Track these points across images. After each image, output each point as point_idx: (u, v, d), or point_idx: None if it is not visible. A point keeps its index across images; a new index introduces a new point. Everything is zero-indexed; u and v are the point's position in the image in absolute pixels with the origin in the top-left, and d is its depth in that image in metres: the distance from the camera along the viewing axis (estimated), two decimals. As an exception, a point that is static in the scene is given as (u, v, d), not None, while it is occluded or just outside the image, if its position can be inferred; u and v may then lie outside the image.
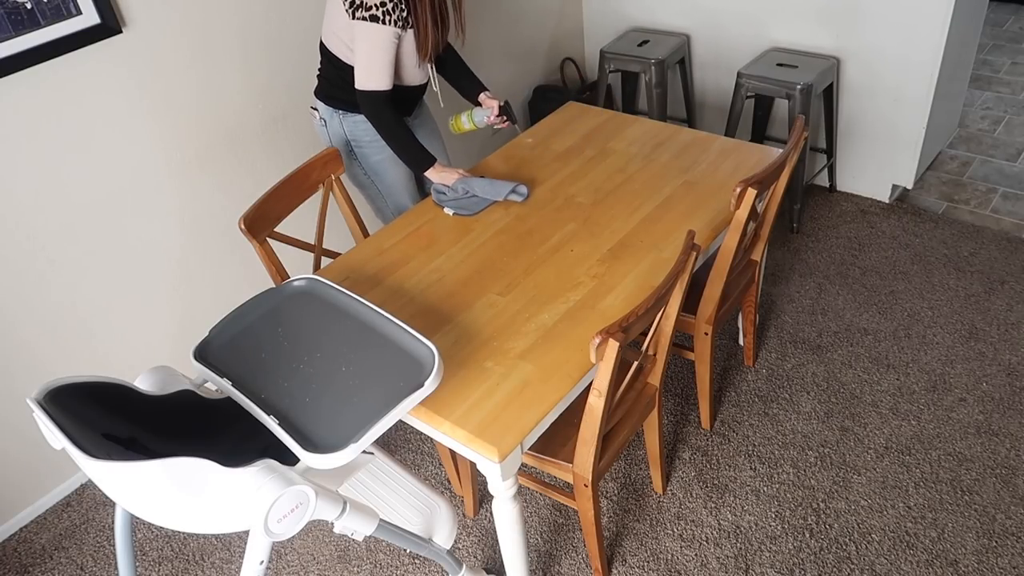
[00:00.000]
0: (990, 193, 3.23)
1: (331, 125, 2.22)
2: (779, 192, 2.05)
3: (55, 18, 1.95)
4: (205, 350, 1.61)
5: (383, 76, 2.00)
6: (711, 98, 3.52)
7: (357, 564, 2.12)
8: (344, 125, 2.21)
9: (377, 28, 1.94)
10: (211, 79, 2.34)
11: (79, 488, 2.46)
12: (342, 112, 2.19)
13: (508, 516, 1.68)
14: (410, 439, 2.46)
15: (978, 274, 2.81)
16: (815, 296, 2.80)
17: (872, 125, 3.09)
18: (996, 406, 2.32)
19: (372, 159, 2.26)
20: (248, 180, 2.55)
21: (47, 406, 1.30)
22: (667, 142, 2.35)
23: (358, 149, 2.25)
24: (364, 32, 1.95)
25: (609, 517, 2.16)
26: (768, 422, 2.36)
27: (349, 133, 2.22)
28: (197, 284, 2.53)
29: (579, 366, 1.62)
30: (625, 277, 1.84)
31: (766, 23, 3.15)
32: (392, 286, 1.90)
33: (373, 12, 1.92)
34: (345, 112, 2.19)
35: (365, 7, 1.93)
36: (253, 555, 1.30)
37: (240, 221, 1.93)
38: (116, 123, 2.17)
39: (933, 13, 2.73)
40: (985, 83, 4.03)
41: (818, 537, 2.04)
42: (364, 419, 1.40)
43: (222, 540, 2.24)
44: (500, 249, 1.98)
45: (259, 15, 2.39)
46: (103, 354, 2.36)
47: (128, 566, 1.67)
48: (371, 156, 2.25)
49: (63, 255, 2.18)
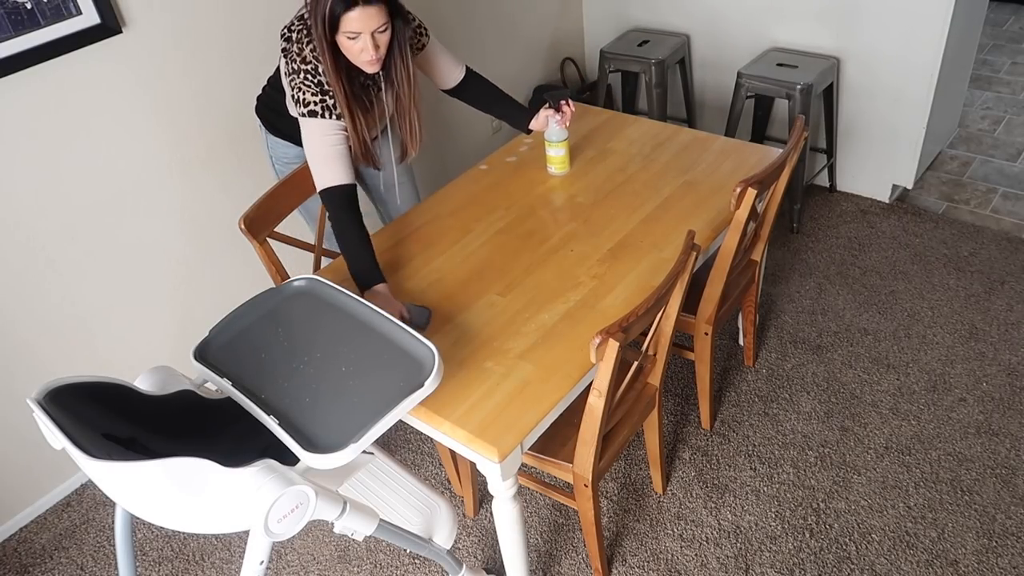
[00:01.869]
0: (990, 193, 3.23)
1: (262, 138, 2.21)
2: (779, 192, 2.05)
3: (55, 18, 1.95)
4: (205, 350, 1.61)
5: (339, 170, 1.83)
6: (711, 98, 3.52)
7: (357, 564, 2.12)
8: (268, 142, 2.19)
9: (318, 123, 1.81)
10: (211, 79, 2.34)
11: (79, 488, 2.46)
12: (266, 131, 2.17)
13: (508, 516, 1.68)
14: (410, 439, 2.46)
15: (978, 274, 2.81)
16: (815, 296, 2.80)
17: (872, 125, 3.09)
18: (996, 406, 2.32)
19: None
20: (248, 180, 2.55)
21: (47, 406, 1.30)
22: (667, 142, 2.35)
23: (279, 167, 2.21)
24: (307, 129, 1.83)
25: (609, 517, 2.16)
26: (768, 422, 2.36)
27: (271, 151, 2.20)
28: (197, 284, 2.53)
29: (579, 366, 1.62)
30: (625, 277, 1.84)
31: (766, 23, 3.15)
32: (392, 286, 1.90)
33: (312, 107, 1.81)
34: (268, 132, 2.17)
35: (303, 103, 1.81)
36: (253, 555, 1.30)
37: (240, 221, 1.93)
38: (116, 123, 2.17)
39: (933, 13, 2.73)
40: (985, 83, 4.03)
41: (818, 537, 2.04)
42: (364, 419, 1.40)
43: (222, 540, 2.24)
44: (500, 249, 1.98)
45: (259, 15, 2.39)
46: (103, 354, 2.36)
47: (128, 566, 1.67)
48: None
49: (63, 255, 2.18)
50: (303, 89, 1.81)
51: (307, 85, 1.81)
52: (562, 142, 2.18)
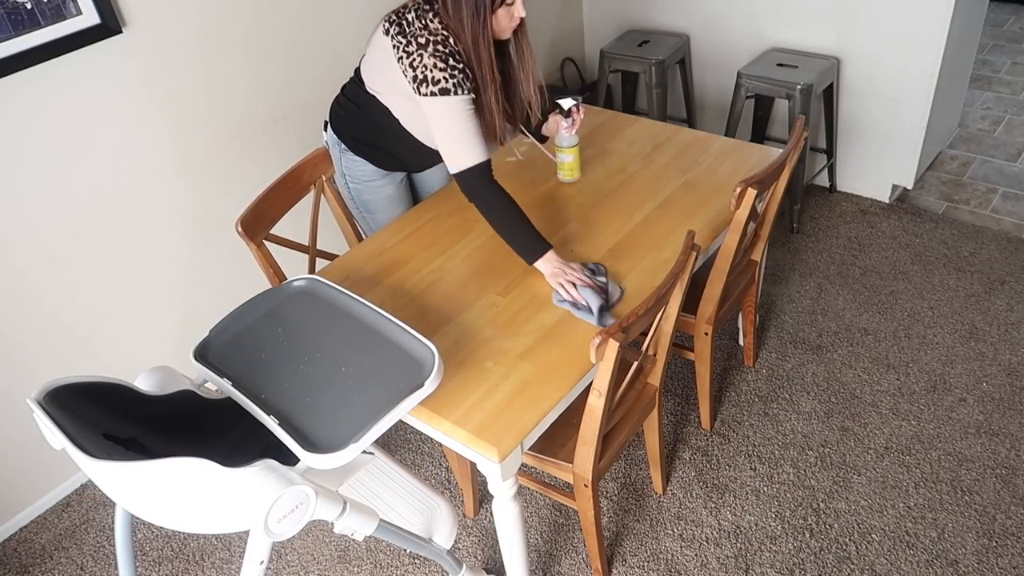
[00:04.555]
0: (990, 193, 3.23)
1: (333, 153, 2.11)
2: (779, 192, 2.05)
3: (55, 18, 1.95)
4: (205, 350, 1.61)
5: (475, 148, 1.79)
6: (711, 98, 3.52)
7: (357, 564, 2.12)
8: (342, 161, 2.09)
9: (450, 101, 1.75)
10: (211, 79, 2.34)
11: (79, 488, 2.46)
12: (343, 147, 2.07)
13: (508, 516, 1.68)
14: (410, 439, 2.46)
15: (978, 274, 2.81)
16: (815, 296, 2.80)
17: (872, 125, 3.09)
18: (996, 406, 2.32)
19: (365, 197, 2.14)
20: (249, 180, 2.55)
21: (47, 406, 1.30)
22: (667, 142, 2.35)
23: (353, 185, 2.12)
24: (437, 108, 1.76)
25: (609, 517, 2.16)
26: (768, 422, 2.36)
27: (346, 169, 2.10)
28: (198, 284, 2.53)
29: (579, 366, 1.62)
30: (625, 277, 1.84)
31: (766, 23, 3.15)
32: (392, 286, 1.90)
33: (443, 85, 1.73)
34: (345, 149, 2.06)
35: (432, 82, 1.73)
36: (253, 555, 1.30)
37: (237, 223, 1.93)
38: (116, 123, 2.17)
39: (933, 13, 2.73)
40: (985, 83, 4.03)
41: (818, 537, 2.04)
42: (364, 419, 1.40)
43: (222, 540, 2.24)
44: (500, 249, 1.98)
45: (259, 15, 2.39)
46: (103, 354, 2.36)
47: (128, 566, 1.67)
48: (364, 195, 2.14)
49: (63, 255, 2.18)
50: (431, 67, 1.73)
51: (438, 57, 1.72)
52: (571, 148, 2.13)
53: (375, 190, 2.12)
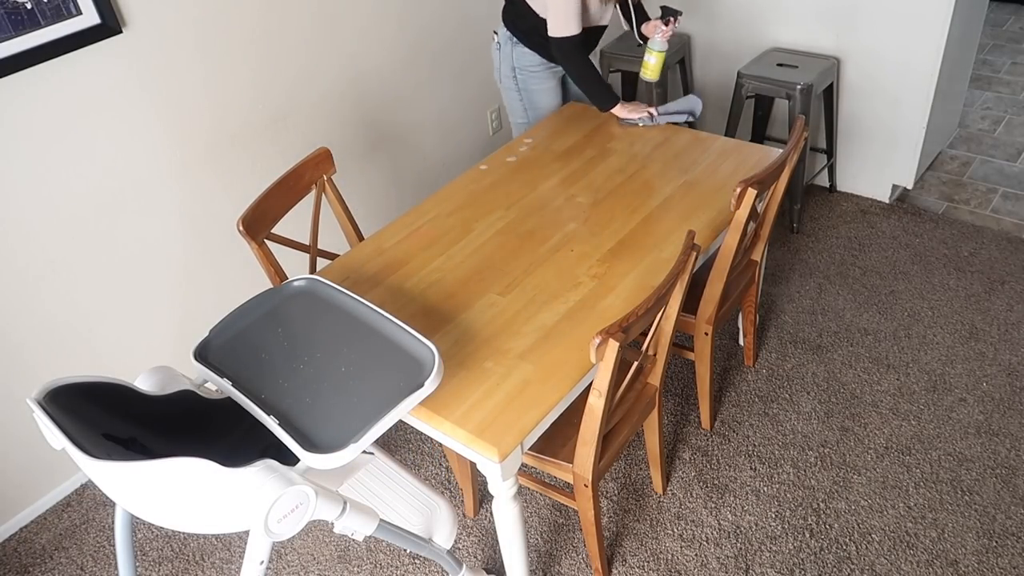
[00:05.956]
0: (990, 193, 3.23)
1: (504, 50, 2.55)
2: (779, 192, 2.05)
3: (55, 18, 1.95)
4: (205, 350, 1.61)
5: (574, 22, 2.29)
6: (711, 98, 3.52)
7: (357, 564, 2.12)
8: (514, 53, 2.53)
9: None
10: (211, 79, 2.34)
11: (79, 488, 2.46)
12: (515, 41, 2.51)
13: (508, 516, 1.68)
14: (410, 439, 2.47)
15: (978, 274, 2.81)
16: (815, 296, 2.80)
17: (872, 125, 3.09)
18: (996, 406, 2.32)
19: (530, 87, 2.59)
20: (249, 180, 2.55)
21: (47, 406, 1.30)
22: (667, 142, 2.35)
23: (520, 76, 2.56)
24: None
25: (609, 517, 2.16)
26: (768, 422, 2.36)
27: (516, 61, 2.54)
28: (198, 284, 2.53)
29: (579, 366, 1.62)
30: (625, 277, 1.84)
31: (766, 23, 3.15)
32: (392, 286, 1.90)
33: None
34: (517, 42, 2.51)
35: None
36: (253, 555, 1.30)
37: (238, 223, 1.93)
38: (116, 123, 2.17)
39: (933, 13, 2.73)
40: (985, 83, 4.03)
41: (818, 537, 2.04)
42: (364, 419, 1.40)
43: (222, 540, 2.24)
44: (500, 249, 1.98)
45: (259, 15, 2.39)
46: (103, 354, 2.36)
47: (128, 566, 1.67)
48: (530, 85, 2.58)
49: (63, 255, 2.18)
50: None
51: None
52: (659, 52, 2.46)
53: (541, 80, 2.58)
